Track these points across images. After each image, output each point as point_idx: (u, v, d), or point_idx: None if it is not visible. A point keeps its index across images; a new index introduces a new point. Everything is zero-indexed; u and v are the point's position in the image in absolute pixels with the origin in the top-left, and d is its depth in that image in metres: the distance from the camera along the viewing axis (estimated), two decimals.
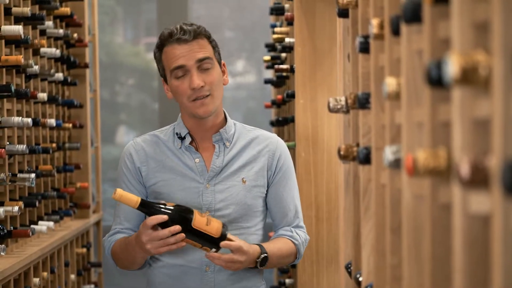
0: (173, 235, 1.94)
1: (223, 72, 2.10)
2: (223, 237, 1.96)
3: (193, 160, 2.09)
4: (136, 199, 1.90)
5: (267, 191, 2.13)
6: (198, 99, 2.02)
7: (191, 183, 2.07)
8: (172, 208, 1.94)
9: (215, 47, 2.08)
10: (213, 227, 1.94)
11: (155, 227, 1.94)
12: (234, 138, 2.12)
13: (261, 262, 2.03)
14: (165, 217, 1.93)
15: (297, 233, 2.16)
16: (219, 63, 2.09)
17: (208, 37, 2.07)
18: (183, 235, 1.94)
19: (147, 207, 1.93)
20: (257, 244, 2.05)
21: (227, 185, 2.08)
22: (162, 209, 1.93)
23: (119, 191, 1.89)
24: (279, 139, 2.17)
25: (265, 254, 2.03)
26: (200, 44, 2.04)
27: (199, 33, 2.04)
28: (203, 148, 2.11)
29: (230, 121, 2.13)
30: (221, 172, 2.08)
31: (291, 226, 2.17)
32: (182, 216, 1.93)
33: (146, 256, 2.06)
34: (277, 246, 2.09)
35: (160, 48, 2.09)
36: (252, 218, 2.09)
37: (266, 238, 2.20)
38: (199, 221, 1.93)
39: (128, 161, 2.12)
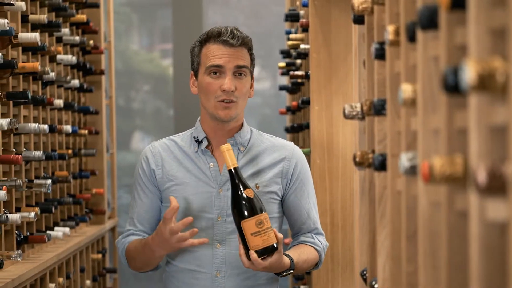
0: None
1: (251, 85, 2.13)
2: (258, 254, 1.93)
3: (208, 165, 2.10)
4: (234, 162, 1.94)
5: (283, 198, 2.13)
6: (225, 101, 2.04)
7: (204, 188, 2.07)
8: (248, 196, 1.94)
9: (252, 60, 2.12)
10: (258, 240, 1.92)
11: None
12: (249, 144, 2.13)
13: (285, 275, 2.05)
14: (177, 205, 1.95)
15: (318, 240, 2.16)
16: (251, 76, 2.12)
17: (250, 49, 2.10)
18: (195, 230, 1.95)
19: (236, 176, 1.95)
20: (288, 256, 2.03)
21: None
22: (244, 187, 1.94)
23: (229, 145, 1.95)
24: (296, 146, 2.17)
25: (292, 270, 2.04)
26: (243, 52, 2.08)
27: (245, 43, 2.08)
28: (218, 152, 2.12)
29: (246, 126, 2.14)
30: None
31: (312, 233, 2.17)
32: (251, 204, 1.93)
33: (162, 256, 2.06)
34: (304, 257, 2.09)
35: (203, 42, 2.09)
36: None
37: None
38: (250, 225, 1.92)
39: (144, 163, 2.14)
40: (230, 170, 1.94)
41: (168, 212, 1.96)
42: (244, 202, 1.93)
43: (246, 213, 1.92)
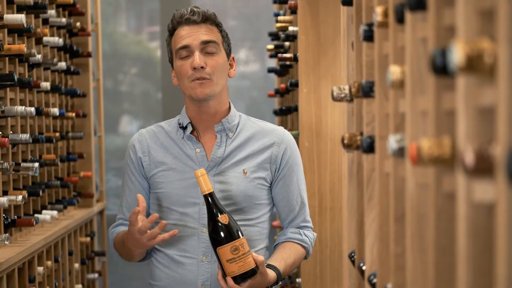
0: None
1: (231, 65, 2.11)
2: (235, 280, 1.92)
3: (194, 150, 2.09)
4: (210, 187, 1.92)
5: (272, 184, 2.12)
6: (197, 80, 2.02)
7: (191, 173, 2.06)
8: (222, 223, 1.92)
9: (224, 37, 2.09)
10: (233, 266, 1.91)
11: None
12: (237, 129, 2.11)
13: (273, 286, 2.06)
14: (138, 209, 1.94)
15: (305, 235, 2.15)
16: (227, 54, 2.09)
17: (218, 25, 2.08)
18: (164, 222, 1.94)
19: (211, 201, 1.93)
20: (274, 269, 2.03)
21: (227, 176, 2.06)
22: (217, 213, 1.92)
23: (203, 171, 1.92)
24: (285, 131, 2.14)
25: (280, 282, 2.04)
26: (209, 28, 2.06)
27: (208, 18, 2.06)
28: (205, 138, 2.10)
29: (234, 111, 2.12)
30: (222, 163, 2.07)
31: (299, 222, 2.15)
32: (226, 231, 1.92)
33: (143, 253, 2.08)
34: (290, 261, 2.09)
35: (171, 31, 2.10)
36: (254, 210, 2.08)
37: (271, 230, 2.19)
38: (225, 251, 1.91)
39: (132, 152, 2.13)
40: (205, 196, 1.93)
41: (131, 216, 1.96)
42: (218, 229, 1.91)
43: (221, 239, 1.91)
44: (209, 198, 1.92)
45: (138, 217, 1.95)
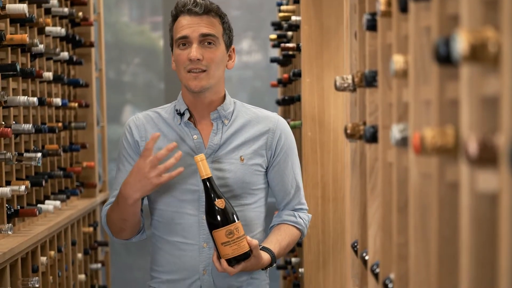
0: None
1: (230, 56, 2.12)
2: (229, 262, 1.97)
3: (192, 137, 2.10)
4: (208, 172, 1.96)
5: (267, 169, 2.14)
6: (193, 71, 2.03)
7: (189, 160, 2.07)
8: (219, 207, 1.96)
9: (226, 29, 2.10)
10: (228, 249, 1.96)
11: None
12: (233, 116, 2.13)
13: (268, 268, 2.10)
14: (158, 134, 1.96)
15: (300, 217, 2.19)
16: (227, 46, 2.09)
17: (221, 17, 2.08)
18: (180, 153, 1.95)
19: (209, 185, 1.97)
20: (268, 251, 2.06)
21: (225, 163, 2.09)
22: (215, 198, 1.96)
23: (203, 156, 1.96)
24: (280, 118, 2.18)
25: (274, 263, 2.08)
26: (210, 20, 2.06)
27: (210, 10, 2.06)
28: (202, 125, 2.12)
29: (229, 99, 2.14)
30: (219, 149, 2.09)
31: (294, 205, 2.19)
32: (222, 215, 1.96)
33: (136, 209, 2.02)
34: (285, 243, 2.13)
35: (174, 18, 2.11)
36: (251, 195, 2.10)
37: (269, 214, 2.21)
38: (220, 235, 1.95)
39: (128, 134, 2.13)
40: (203, 180, 1.97)
41: (149, 142, 1.94)
42: (215, 212, 1.96)
43: (216, 223, 1.96)
44: (207, 183, 1.97)
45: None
